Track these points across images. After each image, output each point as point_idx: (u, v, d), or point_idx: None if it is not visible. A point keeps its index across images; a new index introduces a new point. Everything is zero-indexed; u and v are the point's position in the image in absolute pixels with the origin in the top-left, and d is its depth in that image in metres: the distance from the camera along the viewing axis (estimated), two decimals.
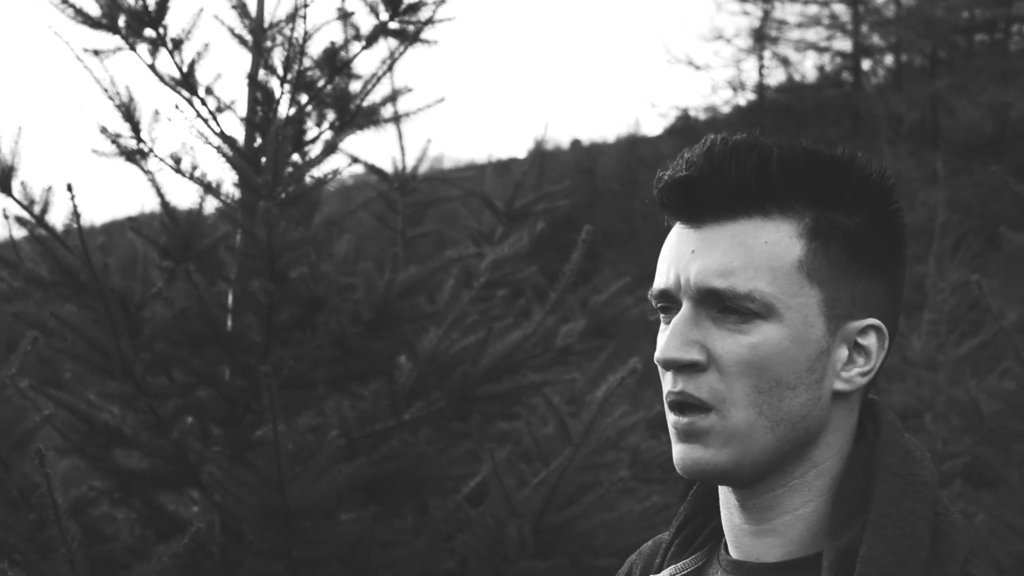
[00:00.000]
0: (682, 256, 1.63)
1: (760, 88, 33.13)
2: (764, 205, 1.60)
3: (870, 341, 1.64)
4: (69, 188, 4.53)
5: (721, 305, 1.60)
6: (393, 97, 5.52)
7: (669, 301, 1.65)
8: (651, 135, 35.76)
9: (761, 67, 33.19)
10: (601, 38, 73.94)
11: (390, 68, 5.34)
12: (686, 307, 1.62)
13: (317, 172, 5.06)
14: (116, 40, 5.21)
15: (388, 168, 8.03)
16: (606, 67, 70.76)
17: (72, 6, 5.15)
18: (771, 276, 1.59)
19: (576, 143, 36.33)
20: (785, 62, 33.71)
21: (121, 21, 5.16)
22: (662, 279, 1.65)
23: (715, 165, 1.60)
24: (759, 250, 1.59)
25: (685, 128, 32.58)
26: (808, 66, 39.98)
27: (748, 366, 1.59)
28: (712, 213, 1.61)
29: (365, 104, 5.30)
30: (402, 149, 7.93)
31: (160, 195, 5.24)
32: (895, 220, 1.66)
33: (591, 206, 29.46)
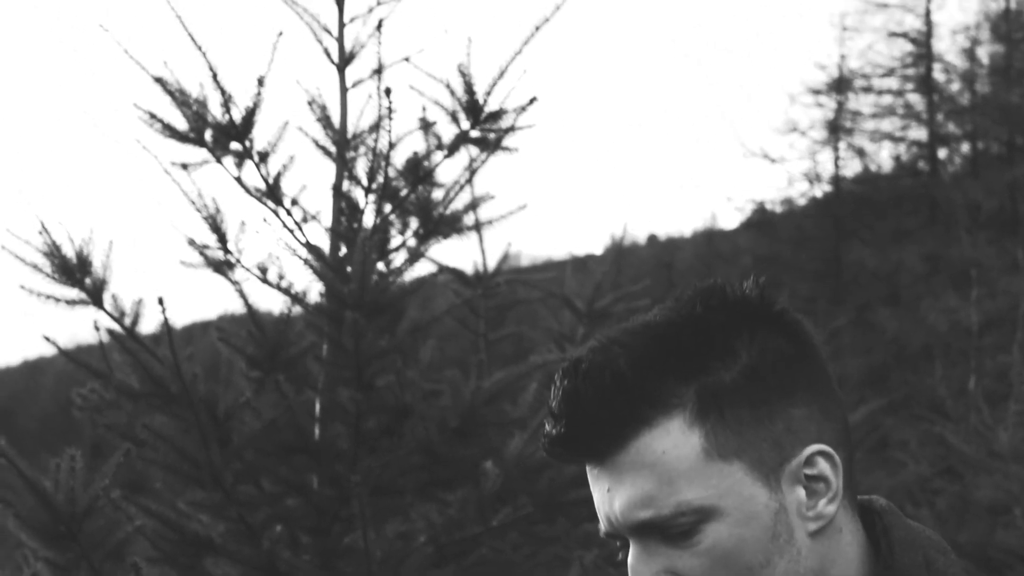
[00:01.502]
0: (604, 498, 1.57)
1: (836, 179, 32.94)
2: (643, 416, 1.52)
3: (821, 468, 1.55)
4: (160, 302, 4.61)
5: (660, 528, 1.54)
6: (475, 204, 5.57)
7: (619, 539, 1.60)
8: (728, 229, 35.73)
9: (836, 158, 33.03)
10: (676, 133, 74.25)
11: (472, 176, 5.40)
12: (633, 545, 1.56)
13: (402, 280, 5.11)
14: (203, 153, 5.30)
15: (468, 269, 8.10)
16: (682, 162, 70.94)
17: (160, 121, 5.26)
18: (686, 481, 1.51)
19: (653, 238, 36.41)
20: (861, 153, 33.54)
21: (208, 135, 5.26)
22: (601, 524, 1.60)
23: (579, 408, 1.53)
24: (661, 464, 1.51)
25: (762, 221, 32.43)
26: (884, 156, 39.72)
27: (715, 572, 1.52)
28: (604, 450, 1.54)
29: (448, 212, 5.35)
30: (483, 252, 8.00)
31: (247, 305, 5.30)
32: (779, 331, 1.56)
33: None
